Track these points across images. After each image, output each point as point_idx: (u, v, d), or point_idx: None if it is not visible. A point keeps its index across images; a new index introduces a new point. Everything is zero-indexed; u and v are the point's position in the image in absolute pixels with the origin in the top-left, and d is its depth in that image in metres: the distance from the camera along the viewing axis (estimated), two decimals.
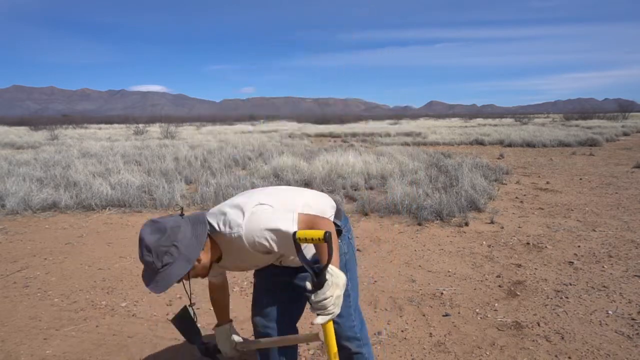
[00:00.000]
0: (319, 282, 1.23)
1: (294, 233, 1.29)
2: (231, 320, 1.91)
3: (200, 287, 3.53)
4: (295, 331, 1.75)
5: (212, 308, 3.11)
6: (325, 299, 1.23)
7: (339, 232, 1.65)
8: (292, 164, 9.12)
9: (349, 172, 8.41)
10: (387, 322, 2.89)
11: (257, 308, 1.74)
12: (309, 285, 1.26)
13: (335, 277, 1.26)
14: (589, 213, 5.75)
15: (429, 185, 7.20)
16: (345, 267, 1.64)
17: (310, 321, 2.73)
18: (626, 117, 37.69)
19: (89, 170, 8.54)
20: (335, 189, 7.26)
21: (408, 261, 4.06)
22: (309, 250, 1.56)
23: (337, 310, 1.25)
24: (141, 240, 1.35)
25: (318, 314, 1.25)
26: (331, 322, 1.31)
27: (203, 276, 1.52)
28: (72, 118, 76.41)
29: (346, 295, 1.54)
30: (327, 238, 1.22)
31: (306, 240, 1.26)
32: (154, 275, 1.35)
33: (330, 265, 1.25)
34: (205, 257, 1.46)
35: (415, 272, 3.78)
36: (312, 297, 1.25)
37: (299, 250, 1.30)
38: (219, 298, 1.89)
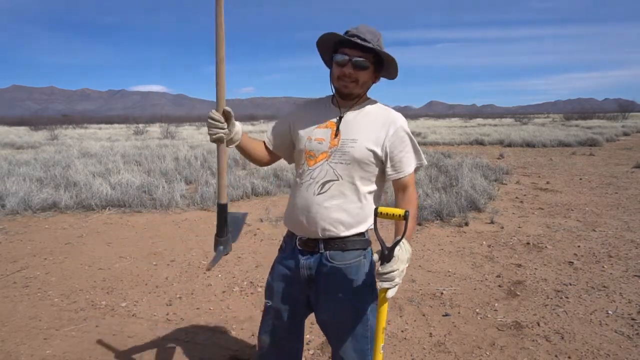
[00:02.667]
0: (388, 256, 1.33)
1: (376, 208, 1.39)
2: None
3: (200, 286, 3.53)
4: (302, 346, 1.71)
5: (211, 308, 3.12)
6: (393, 271, 1.31)
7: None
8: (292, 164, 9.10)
9: None
10: (387, 322, 2.89)
11: (265, 326, 1.66)
12: (376, 257, 1.35)
13: (403, 252, 1.35)
14: (589, 213, 5.75)
15: (428, 185, 7.20)
16: (372, 287, 1.56)
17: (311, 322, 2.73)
18: (626, 117, 37.70)
19: (89, 170, 8.53)
20: None
21: None
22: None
23: (400, 282, 1.34)
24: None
25: (384, 286, 1.33)
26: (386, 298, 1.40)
27: (344, 87, 1.50)
28: (72, 118, 76.45)
29: (365, 318, 1.53)
30: (406, 217, 1.33)
31: (387, 216, 1.36)
32: (346, 34, 1.45)
33: (403, 240, 1.35)
34: (371, 77, 1.53)
35: (415, 272, 3.78)
36: (380, 269, 1.33)
37: (375, 224, 1.40)
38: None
